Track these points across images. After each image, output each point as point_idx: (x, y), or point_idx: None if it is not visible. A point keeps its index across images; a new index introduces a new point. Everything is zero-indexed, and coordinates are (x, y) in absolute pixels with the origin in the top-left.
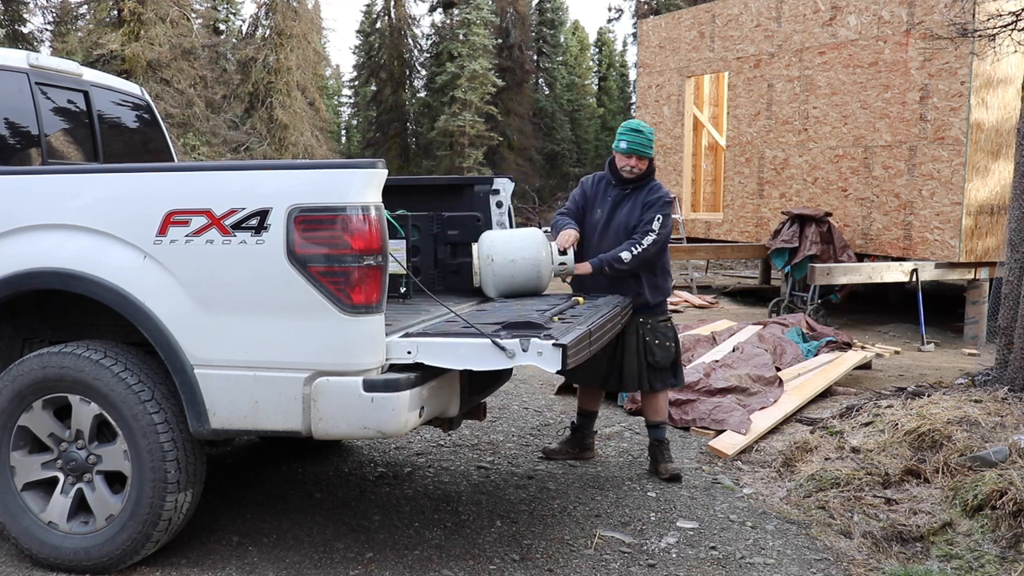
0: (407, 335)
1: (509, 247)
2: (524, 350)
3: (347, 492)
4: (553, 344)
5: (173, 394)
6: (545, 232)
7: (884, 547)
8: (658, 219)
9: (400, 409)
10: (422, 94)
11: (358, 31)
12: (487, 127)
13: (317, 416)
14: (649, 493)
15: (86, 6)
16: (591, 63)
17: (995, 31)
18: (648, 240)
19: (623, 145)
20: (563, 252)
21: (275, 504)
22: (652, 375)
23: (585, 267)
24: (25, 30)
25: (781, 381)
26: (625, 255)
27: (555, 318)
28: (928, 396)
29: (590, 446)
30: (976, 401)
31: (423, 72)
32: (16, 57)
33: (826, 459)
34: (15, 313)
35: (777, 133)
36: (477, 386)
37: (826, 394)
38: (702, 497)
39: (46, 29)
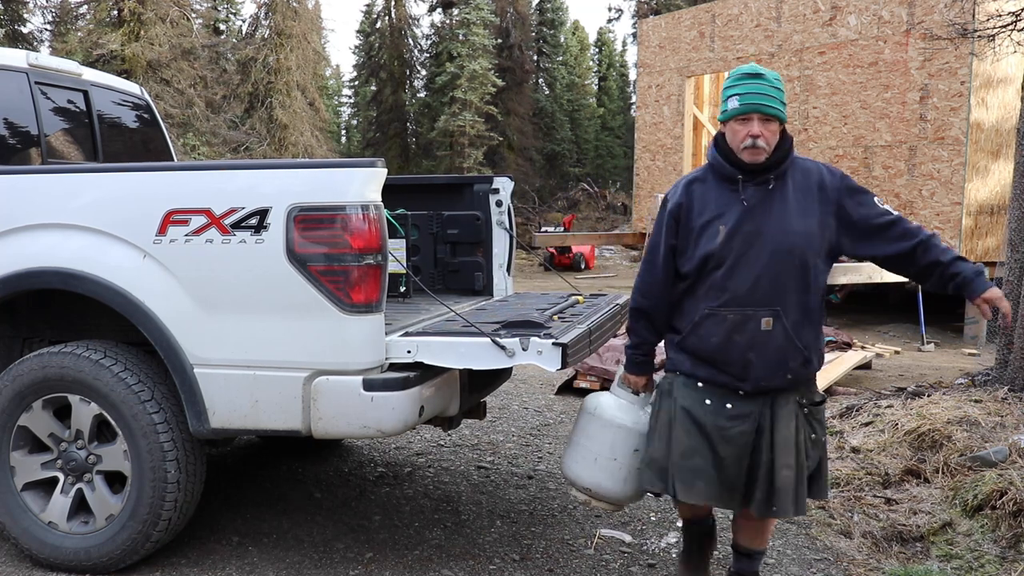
0: (407, 334)
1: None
2: (524, 349)
3: (347, 492)
4: (553, 343)
5: (173, 394)
6: (545, 232)
7: (884, 547)
8: (878, 200)
9: (400, 408)
10: (422, 94)
11: (358, 31)
12: (487, 127)
13: (317, 415)
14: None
15: (86, 6)
16: (591, 63)
17: (995, 31)
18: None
19: (734, 104)
20: (635, 392)
21: (275, 504)
22: (808, 489)
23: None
24: (25, 30)
25: None
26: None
27: (555, 317)
28: (928, 396)
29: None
30: (976, 401)
31: (423, 72)
32: (16, 57)
33: None
34: (15, 313)
35: None
36: (477, 385)
37: (826, 394)
38: None
39: (46, 29)
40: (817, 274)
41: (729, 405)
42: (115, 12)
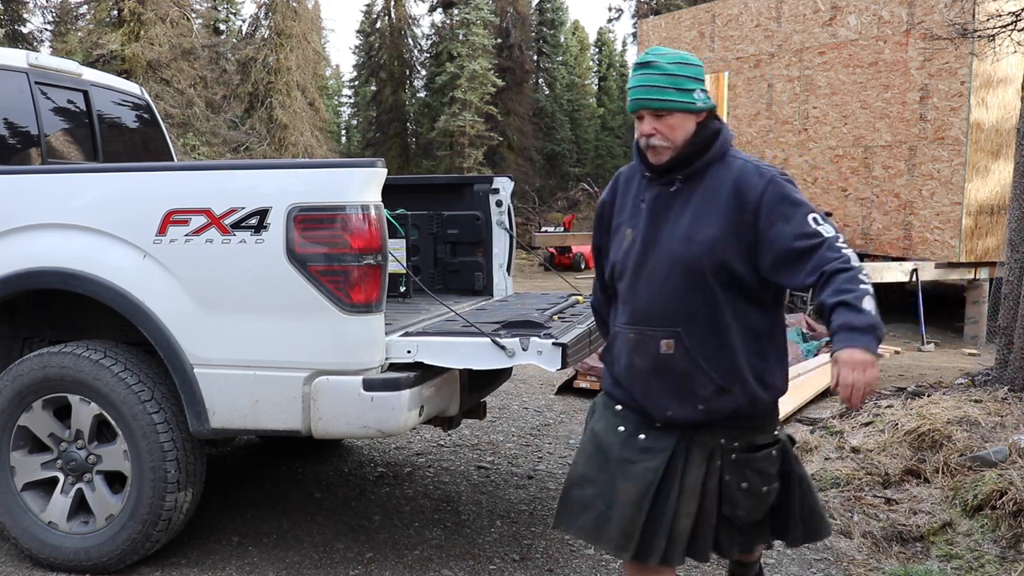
0: (407, 334)
1: None
2: (524, 349)
3: (347, 492)
4: (553, 343)
5: (173, 394)
6: (545, 232)
7: (884, 547)
8: (812, 218)
9: (400, 408)
10: (422, 94)
11: (358, 31)
12: (487, 127)
13: (317, 415)
14: None
15: (86, 6)
16: (591, 63)
17: (995, 31)
18: (846, 251)
19: (630, 100)
20: None
21: (275, 504)
22: (735, 536)
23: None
24: (25, 30)
25: None
26: (862, 300)
27: (555, 317)
28: (928, 396)
29: None
30: (976, 401)
31: (423, 72)
32: (16, 57)
33: (826, 459)
34: (15, 313)
35: (777, 133)
36: (477, 385)
37: (826, 394)
38: None
39: (46, 29)
40: (729, 290)
41: (643, 436)
42: (115, 12)
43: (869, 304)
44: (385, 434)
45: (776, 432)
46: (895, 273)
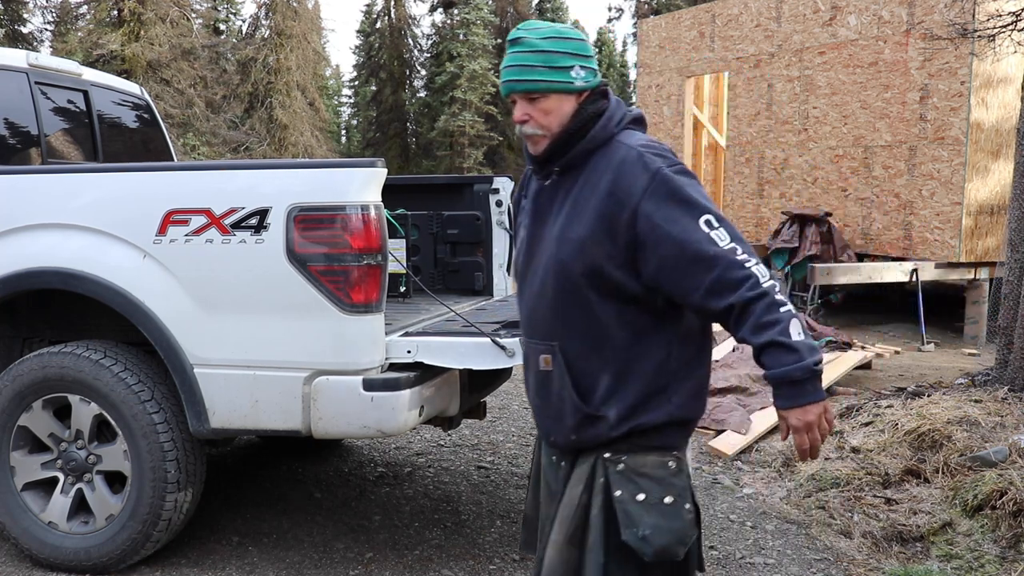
0: (407, 334)
1: None
2: None
3: (347, 492)
4: None
5: (173, 394)
6: None
7: (884, 547)
8: (706, 222)
9: (400, 408)
10: (422, 94)
11: (358, 31)
12: (487, 127)
13: (317, 415)
14: None
15: (86, 6)
16: None
17: (995, 31)
18: (752, 267)
19: (501, 84)
20: None
21: (275, 504)
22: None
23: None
24: (25, 30)
25: None
26: (789, 332)
27: None
28: (928, 396)
29: None
30: (976, 401)
31: (423, 72)
32: (16, 57)
33: (826, 459)
34: (15, 313)
35: (777, 133)
36: (477, 385)
37: (826, 394)
38: (702, 497)
39: (46, 29)
40: (610, 299)
41: (554, 457)
42: (115, 12)
43: (796, 330)
44: (385, 434)
45: (677, 452)
46: (895, 273)
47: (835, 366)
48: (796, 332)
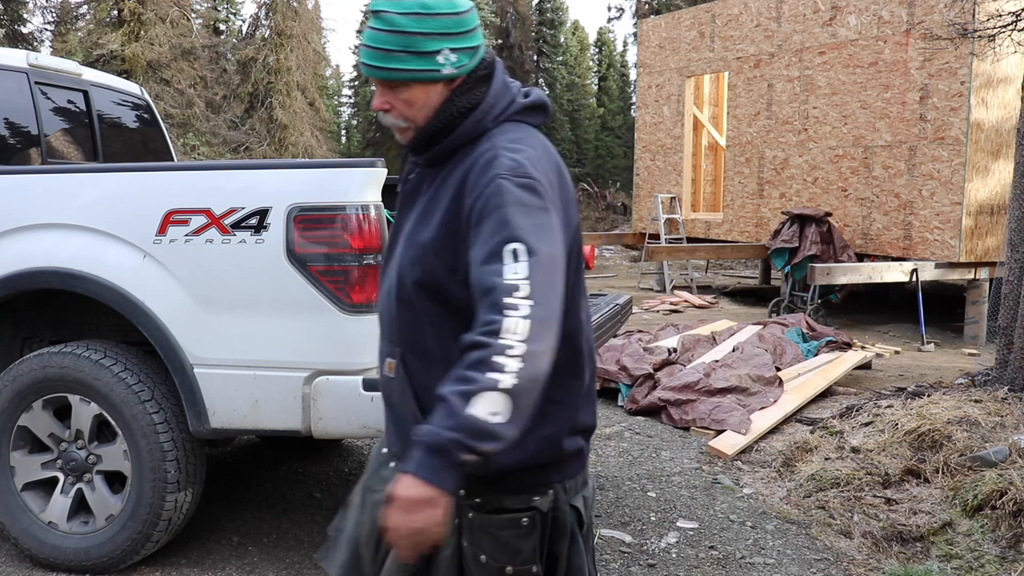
0: None
1: None
2: None
3: (347, 492)
4: None
5: (173, 394)
6: None
7: (884, 547)
8: (512, 250)
9: None
10: None
11: (358, 31)
12: None
13: (317, 415)
14: (649, 493)
15: (86, 6)
16: (591, 63)
17: (995, 31)
18: (511, 314)
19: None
20: None
21: (275, 504)
22: None
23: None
24: (25, 30)
25: (781, 381)
26: (472, 399)
27: None
28: (928, 396)
29: None
30: (976, 401)
31: None
32: (16, 57)
33: (826, 459)
34: (15, 313)
35: (777, 133)
36: None
37: (826, 394)
38: (702, 497)
39: (46, 29)
40: (443, 316)
41: (393, 464)
42: (115, 12)
43: (485, 405)
44: None
45: (536, 499)
46: (895, 273)
47: (835, 366)
48: (483, 405)
